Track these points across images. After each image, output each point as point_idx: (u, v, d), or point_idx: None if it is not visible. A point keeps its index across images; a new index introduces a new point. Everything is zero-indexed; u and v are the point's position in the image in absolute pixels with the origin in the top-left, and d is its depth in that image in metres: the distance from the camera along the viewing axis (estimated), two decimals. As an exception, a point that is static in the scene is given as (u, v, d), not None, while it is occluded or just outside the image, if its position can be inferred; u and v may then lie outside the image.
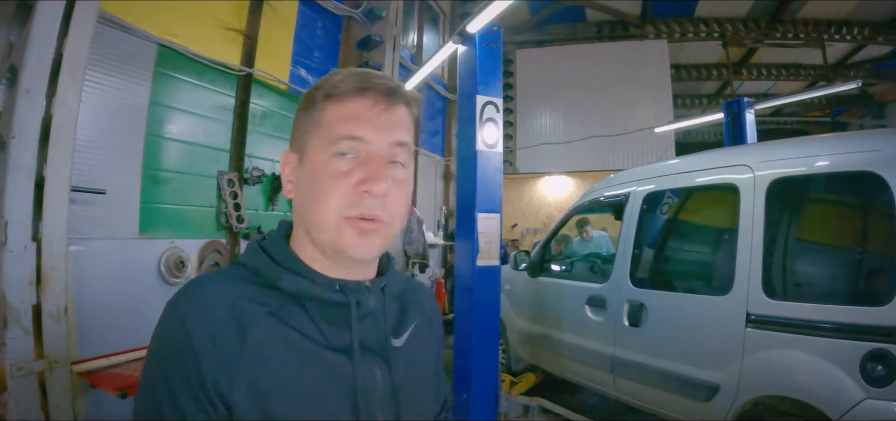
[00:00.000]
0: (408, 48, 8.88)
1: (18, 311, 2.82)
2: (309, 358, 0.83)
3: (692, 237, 4.04)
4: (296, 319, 0.85)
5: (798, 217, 3.03)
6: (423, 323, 1.07)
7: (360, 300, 0.90)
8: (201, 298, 0.82)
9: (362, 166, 0.85)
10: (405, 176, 0.91)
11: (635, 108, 11.12)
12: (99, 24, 3.39)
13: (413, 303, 1.06)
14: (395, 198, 0.88)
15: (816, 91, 8.71)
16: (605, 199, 4.66)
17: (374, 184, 0.84)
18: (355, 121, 0.86)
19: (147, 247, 4.27)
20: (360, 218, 0.84)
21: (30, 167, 2.91)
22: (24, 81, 2.84)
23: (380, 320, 0.94)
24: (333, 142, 0.85)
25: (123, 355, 3.54)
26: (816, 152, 3.01)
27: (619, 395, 4.09)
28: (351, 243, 0.85)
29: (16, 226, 2.83)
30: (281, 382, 0.80)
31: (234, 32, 5.09)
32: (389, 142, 0.87)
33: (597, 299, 4.21)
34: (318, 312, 0.87)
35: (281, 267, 0.88)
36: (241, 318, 0.80)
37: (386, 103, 0.88)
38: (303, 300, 0.87)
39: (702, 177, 3.73)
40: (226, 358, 0.77)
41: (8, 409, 2.79)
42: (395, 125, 0.89)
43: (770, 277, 2.96)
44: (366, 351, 0.90)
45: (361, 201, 0.84)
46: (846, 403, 2.50)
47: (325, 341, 0.86)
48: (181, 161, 4.63)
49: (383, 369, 0.91)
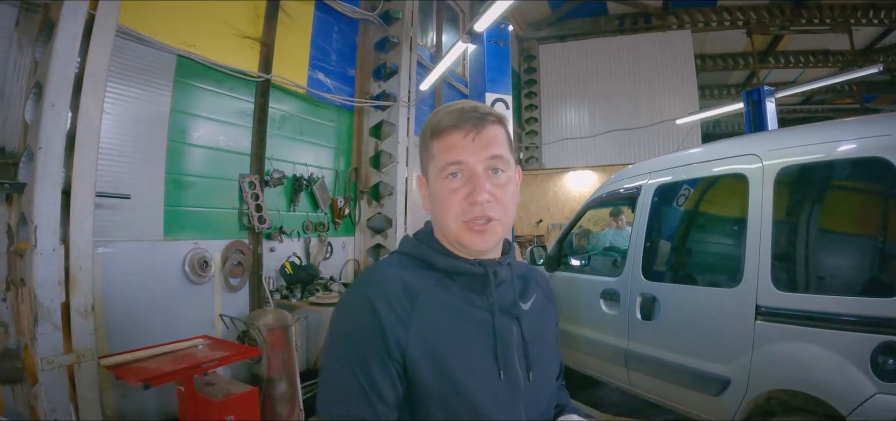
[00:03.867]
0: (427, 48, 8.94)
1: (48, 308, 3.03)
2: (461, 315, 1.10)
3: (703, 229, 3.96)
4: (450, 288, 1.12)
5: (807, 206, 2.97)
6: (542, 296, 1.32)
7: (495, 271, 1.16)
8: (379, 280, 1.09)
9: (467, 183, 1.10)
10: (506, 179, 1.13)
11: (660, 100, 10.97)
12: (118, 38, 3.61)
13: (533, 280, 1.32)
14: (499, 197, 1.11)
15: (837, 77, 8.45)
16: (620, 192, 4.64)
17: (477, 195, 1.08)
18: (455, 149, 1.10)
19: (171, 248, 4.49)
20: (473, 220, 1.09)
21: (57, 176, 3.12)
22: (48, 96, 3.04)
23: (510, 288, 1.19)
24: (444, 168, 1.11)
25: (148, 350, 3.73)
26: (825, 138, 2.90)
27: (633, 389, 4.07)
28: (470, 240, 1.11)
29: (45, 230, 3.05)
30: (443, 333, 1.06)
31: (251, 40, 5.27)
32: (485, 158, 1.10)
33: (610, 293, 4.19)
34: (465, 283, 1.14)
35: (435, 251, 1.16)
36: (410, 289, 1.07)
37: (477, 130, 1.11)
38: (453, 274, 1.14)
39: (712, 167, 3.65)
40: (403, 320, 1.03)
41: (39, 400, 3.01)
42: (488, 144, 1.11)
43: (779, 269, 2.90)
44: (502, 311, 1.15)
45: (471, 209, 1.09)
46: (856, 397, 2.43)
47: (472, 303, 1.13)
48: (203, 165, 4.84)
49: (516, 325, 1.17)
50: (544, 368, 1.24)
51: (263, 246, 5.38)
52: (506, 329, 1.13)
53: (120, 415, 3.83)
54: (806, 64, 12.91)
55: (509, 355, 1.12)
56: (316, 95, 6.14)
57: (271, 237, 5.47)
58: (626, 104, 11.24)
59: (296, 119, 5.91)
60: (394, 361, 1.01)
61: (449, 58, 5.37)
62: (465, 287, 1.13)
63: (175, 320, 4.33)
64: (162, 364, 3.47)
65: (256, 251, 5.28)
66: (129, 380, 3.30)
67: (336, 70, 6.60)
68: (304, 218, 5.98)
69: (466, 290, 1.13)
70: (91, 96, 3.30)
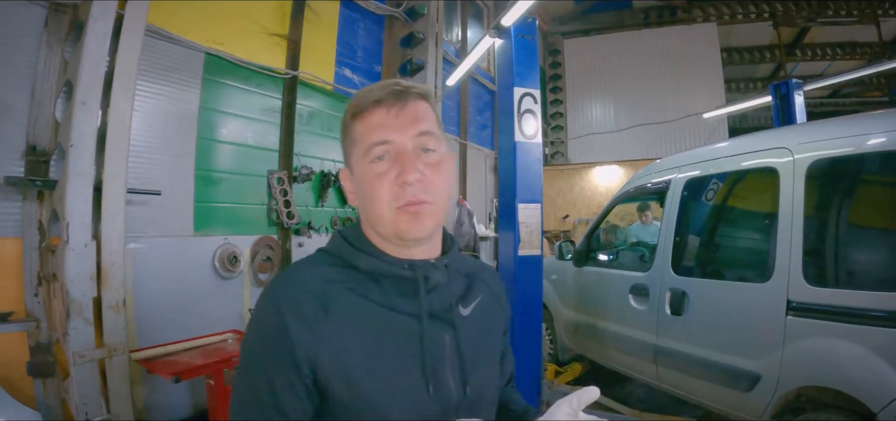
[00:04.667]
0: (452, 44, 8.92)
1: (80, 303, 3.09)
2: (383, 323, 0.98)
3: (733, 223, 3.90)
4: (372, 292, 1.00)
5: (839, 200, 2.88)
6: (491, 298, 1.20)
7: (427, 275, 1.03)
8: (291, 284, 0.98)
9: (396, 164, 0.98)
10: (438, 158, 1.03)
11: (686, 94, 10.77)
12: (147, 36, 3.66)
13: (480, 280, 1.19)
14: (431, 179, 1.00)
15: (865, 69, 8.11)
16: (648, 186, 4.57)
17: (408, 174, 0.97)
18: (379, 128, 0.99)
19: (201, 243, 4.56)
20: (407, 204, 0.97)
21: (88, 173, 3.18)
22: (79, 94, 3.10)
23: (445, 292, 1.07)
24: (368, 151, 1.00)
25: (179, 344, 3.78)
26: (857, 131, 2.84)
27: (662, 384, 4.02)
28: (407, 227, 0.99)
29: (76, 226, 3.10)
30: (359, 344, 0.94)
31: (278, 37, 5.31)
32: (412, 135, 1.00)
33: (640, 288, 4.14)
34: (392, 286, 1.02)
35: (358, 250, 1.04)
36: (323, 295, 0.95)
37: (399, 105, 1.01)
38: (378, 277, 1.02)
39: (742, 161, 3.58)
40: (314, 329, 0.92)
41: (70, 393, 3.07)
42: (415, 120, 1.01)
43: (811, 264, 2.85)
44: (434, 318, 1.03)
45: (403, 192, 0.97)
46: (888, 394, 2.37)
47: (395, 308, 1.00)
48: (232, 162, 4.89)
49: (451, 333, 1.04)
50: (485, 380, 1.11)
51: (292, 241, 5.42)
52: (436, 338, 1.01)
53: (150, 409, 3.89)
54: (833, 56, 12.50)
55: (440, 368, 1.00)
56: (343, 92, 6.15)
57: (300, 232, 5.51)
58: (652, 98, 11.06)
59: (323, 115, 5.94)
60: (301, 376, 0.91)
61: (476, 53, 5.32)
62: (391, 291, 1.01)
63: (205, 315, 4.38)
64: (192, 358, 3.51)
65: (285, 246, 5.33)
66: (161, 374, 3.35)
67: (362, 66, 6.62)
68: (332, 213, 6.02)
69: (394, 294, 1.01)
70: (121, 94, 3.35)
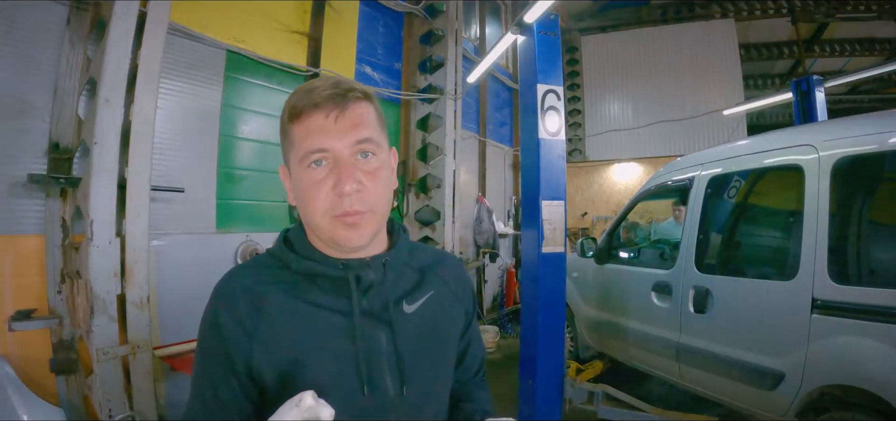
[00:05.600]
0: (471, 40, 8.88)
1: (104, 300, 3.10)
2: (316, 322, 0.98)
3: (757, 221, 3.91)
4: (307, 292, 1.00)
5: (865, 198, 2.85)
6: (446, 292, 1.17)
7: (359, 275, 1.02)
8: (226, 291, 1.00)
9: (333, 172, 0.95)
10: (377, 164, 1.00)
11: (704, 91, 10.63)
12: (170, 34, 3.66)
13: (434, 274, 1.16)
14: (370, 189, 0.98)
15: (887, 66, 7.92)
16: (670, 184, 4.57)
17: (345, 185, 0.94)
18: (316, 134, 0.96)
19: (224, 240, 4.57)
20: (344, 214, 0.95)
21: (112, 170, 3.18)
22: (103, 92, 3.10)
23: (382, 290, 1.05)
24: (305, 157, 0.96)
25: (202, 341, 3.79)
26: (883, 129, 2.81)
27: (684, 383, 4.01)
28: (343, 237, 0.97)
29: (100, 223, 3.11)
30: (291, 344, 0.95)
31: (299, 35, 5.31)
32: (351, 142, 0.96)
33: (662, 286, 4.14)
34: (328, 286, 1.01)
35: (294, 252, 1.03)
36: (257, 297, 0.97)
37: (339, 109, 0.96)
38: (313, 278, 1.01)
39: (766, 158, 3.56)
40: (246, 331, 0.95)
41: (93, 390, 3.08)
42: (354, 125, 0.97)
43: (836, 261, 2.82)
44: (370, 316, 1.02)
45: (341, 202, 0.95)
46: None
47: (332, 308, 1.00)
48: (254, 159, 4.90)
49: (387, 332, 1.03)
50: (429, 379, 1.09)
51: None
52: (371, 338, 1.00)
53: (172, 406, 3.90)
54: (851, 53, 12.21)
55: (376, 367, 1.00)
56: (363, 90, 6.13)
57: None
58: (670, 95, 10.93)
59: (344, 113, 5.90)
60: (238, 376, 0.94)
61: (497, 49, 5.29)
62: (325, 291, 1.00)
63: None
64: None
65: (306, 244, 5.32)
66: (185, 371, 3.36)
67: (382, 64, 6.61)
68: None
69: (330, 293, 1.00)
70: (145, 92, 3.35)
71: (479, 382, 1.33)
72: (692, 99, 10.72)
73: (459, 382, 1.27)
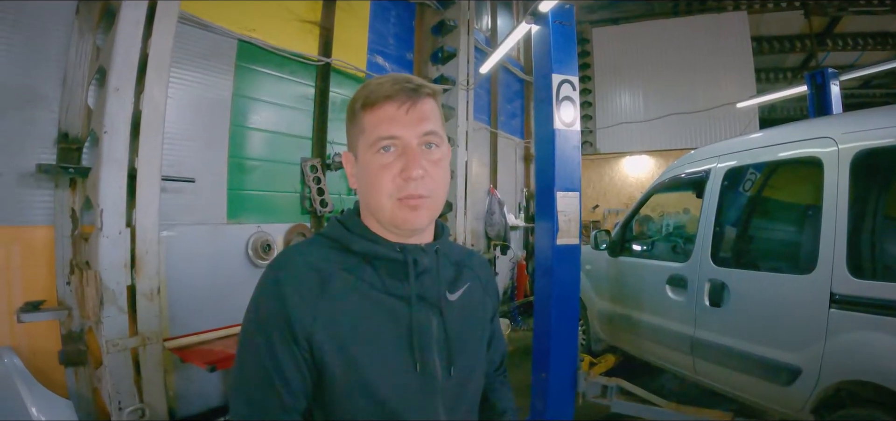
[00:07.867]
0: (482, 31, 8.79)
1: (114, 291, 3.07)
2: (374, 303, 1.04)
3: (774, 214, 3.86)
4: (365, 273, 1.06)
5: (886, 191, 2.81)
6: (478, 286, 1.26)
7: (416, 259, 1.09)
8: (291, 264, 1.05)
9: (401, 158, 1.03)
10: (440, 155, 1.08)
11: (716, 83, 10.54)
12: (180, 23, 3.60)
13: (468, 267, 1.25)
14: (433, 176, 1.06)
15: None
16: (685, 176, 4.50)
17: (412, 170, 1.02)
18: (389, 122, 1.03)
19: (235, 231, 4.53)
20: (407, 197, 1.03)
21: (122, 160, 3.14)
22: (112, 81, 3.06)
23: (434, 277, 1.13)
24: (375, 142, 1.03)
25: (213, 333, 3.77)
26: None
27: (698, 377, 3.99)
28: (404, 218, 1.05)
29: (110, 213, 3.07)
30: (352, 321, 1.01)
31: (311, 24, 5.24)
32: (419, 133, 1.04)
33: (677, 279, 4.11)
34: (384, 269, 1.08)
35: (353, 234, 1.09)
36: (321, 274, 1.02)
37: (411, 102, 1.04)
38: (371, 260, 1.08)
39: (784, 151, 3.52)
40: (310, 305, 0.99)
41: (103, 382, 3.06)
42: (423, 118, 1.05)
43: (856, 256, 2.79)
44: (423, 301, 1.09)
45: (406, 186, 1.03)
46: None
47: (387, 291, 1.06)
48: (265, 149, 4.86)
49: (438, 317, 1.11)
50: (470, 364, 1.17)
51: (326, 229, 5.37)
52: (424, 321, 1.08)
53: (181, 398, 3.89)
54: (864, 47, 12.03)
55: (427, 349, 1.08)
56: (375, 79, 6.08)
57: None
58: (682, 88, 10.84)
59: (356, 103, 5.86)
60: (300, 347, 0.98)
61: (511, 39, 5.22)
62: (383, 273, 1.07)
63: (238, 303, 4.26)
64: (227, 347, 3.50)
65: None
66: (195, 363, 3.33)
67: (394, 54, 6.54)
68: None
69: (386, 276, 1.07)
70: (155, 81, 3.29)
71: (502, 378, 1.42)
72: (704, 92, 10.63)
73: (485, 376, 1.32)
